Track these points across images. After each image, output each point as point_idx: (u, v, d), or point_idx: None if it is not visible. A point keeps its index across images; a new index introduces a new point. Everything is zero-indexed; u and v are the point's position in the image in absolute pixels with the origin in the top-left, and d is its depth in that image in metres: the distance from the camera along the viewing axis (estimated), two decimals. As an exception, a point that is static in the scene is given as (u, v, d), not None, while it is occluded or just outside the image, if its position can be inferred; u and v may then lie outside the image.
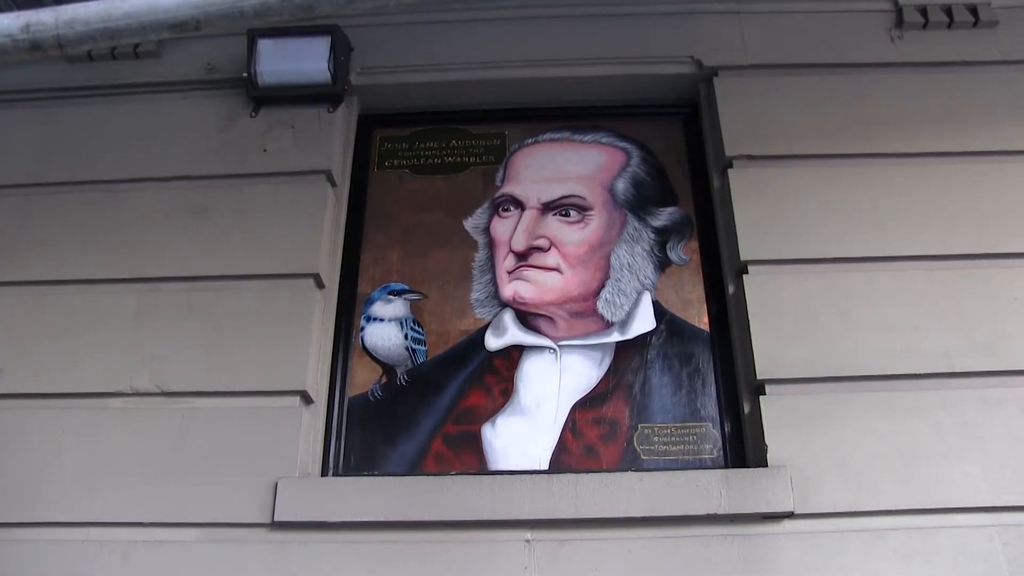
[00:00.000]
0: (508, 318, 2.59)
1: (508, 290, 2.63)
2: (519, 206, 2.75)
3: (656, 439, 2.40)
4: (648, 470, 2.31)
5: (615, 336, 2.54)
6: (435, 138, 2.94)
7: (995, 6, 2.82)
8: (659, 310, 2.59)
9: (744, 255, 2.49)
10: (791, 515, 2.14)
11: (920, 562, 2.09)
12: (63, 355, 2.46)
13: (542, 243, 2.67)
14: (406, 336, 2.59)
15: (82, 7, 1.82)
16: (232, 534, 2.21)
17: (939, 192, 2.55)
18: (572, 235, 2.68)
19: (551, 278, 2.63)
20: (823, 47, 2.80)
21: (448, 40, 2.90)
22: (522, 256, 2.66)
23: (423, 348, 2.58)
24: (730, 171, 2.63)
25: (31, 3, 2.12)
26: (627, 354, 2.52)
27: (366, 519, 2.20)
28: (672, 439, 2.39)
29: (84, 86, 2.91)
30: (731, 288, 2.54)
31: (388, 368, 2.57)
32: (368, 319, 2.63)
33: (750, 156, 2.64)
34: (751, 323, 2.38)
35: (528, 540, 2.16)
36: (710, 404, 2.44)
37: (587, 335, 2.55)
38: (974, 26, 2.80)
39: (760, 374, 2.32)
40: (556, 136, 2.90)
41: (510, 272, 2.65)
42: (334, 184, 2.73)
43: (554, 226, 2.70)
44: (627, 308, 2.58)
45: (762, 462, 2.22)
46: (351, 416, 2.50)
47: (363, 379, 2.56)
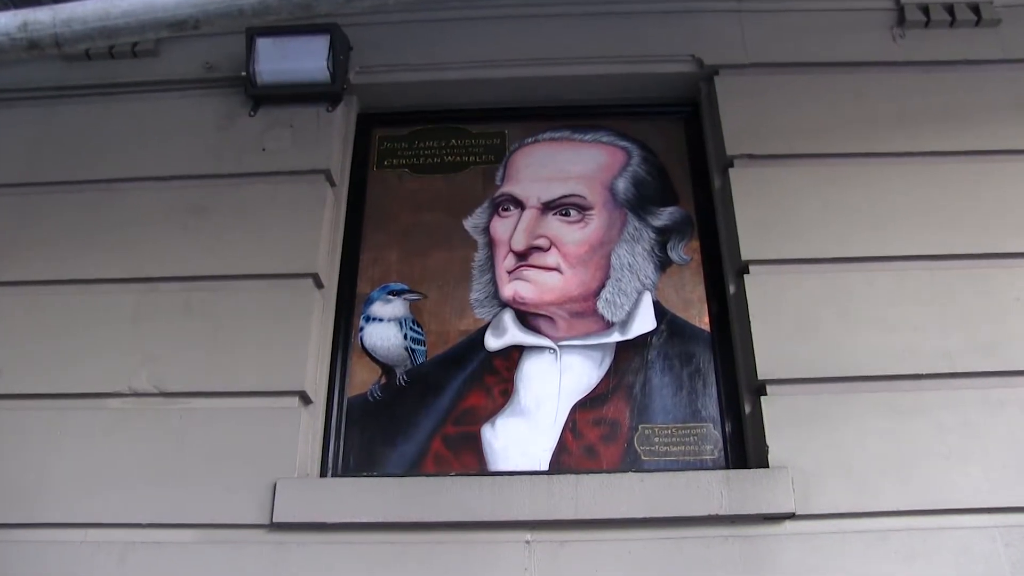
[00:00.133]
0: (508, 318, 2.58)
1: (508, 290, 2.62)
2: (519, 205, 2.74)
3: (657, 440, 2.39)
4: (649, 471, 2.30)
5: (615, 336, 2.53)
6: (434, 137, 2.93)
7: (997, 5, 2.81)
8: (660, 310, 2.58)
9: (745, 255, 2.48)
10: (792, 516, 2.14)
11: (922, 563, 2.08)
12: (61, 355, 2.45)
13: (542, 243, 2.66)
14: (405, 336, 2.58)
15: (80, 6, 1.81)
16: (230, 535, 2.20)
17: (941, 192, 2.55)
18: (572, 235, 2.67)
19: (551, 278, 2.62)
20: (824, 46, 2.80)
21: (448, 39, 2.89)
22: (522, 256, 2.65)
23: (422, 348, 2.57)
24: (731, 170, 2.62)
25: (29, 1, 2.10)
26: (627, 354, 2.51)
27: (365, 520, 2.19)
28: (673, 440, 2.39)
29: (82, 85, 2.90)
30: (732, 288, 2.53)
31: (387, 368, 2.56)
32: (367, 319, 2.62)
33: (751, 155, 2.63)
34: (752, 323, 2.37)
35: (528, 541, 2.15)
36: (711, 404, 2.44)
37: (587, 335, 2.54)
38: (976, 25, 2.80)
39: (761, 374, 2.31)
40: (556, 135, 2.89)
41: (510, 272, 2.64)
42: (333, 183, 2.72)
43: (554, 226, 2.69)
44: (627, 308, 2.57)
45: (763, 463, 2.22)
46: (350, 416, 2.49)
47: (362, 379, 2.55)
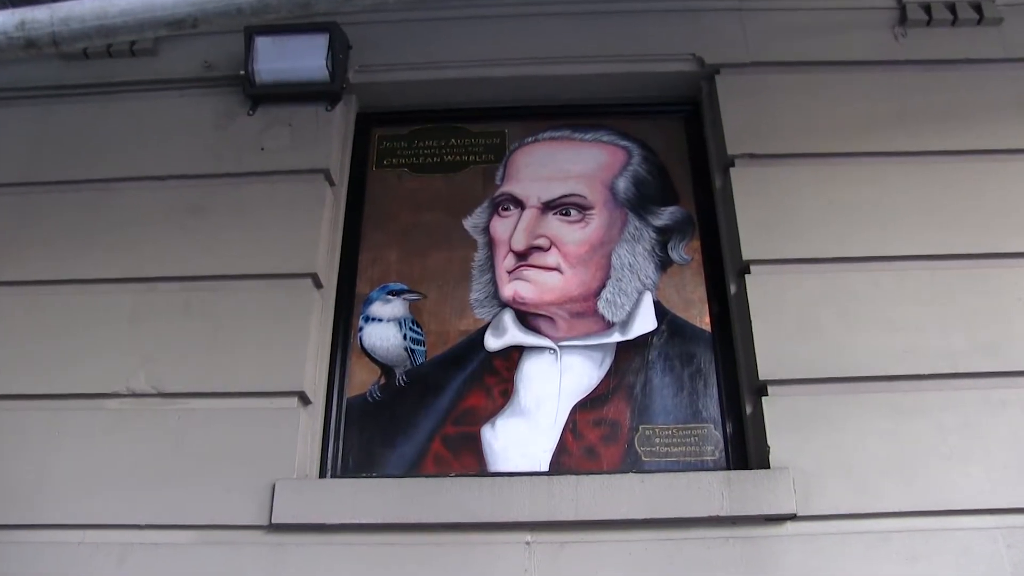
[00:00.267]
0: (508, 318, 2.57)
1: (508, 290, 2.61)
2: (519, 205, 2.73)
3: (657, 440, 2.38)
4: (649, 472, 2.29)
5: (616, 336, 2.53)
6: (434, 136, 2.92)
7: (999, 3, 2.81)
8: (660, 310, 2.57)
9: (746, 255, 2.47)
10: (793, 517, 2.13)
11: (923, 564, 2.07)
12: (59, 356, 2.44)
13: (542, 242, 2.65)
14: (405, 336, 2.57)
15: (78, 4, 1.80)
16: (229, 536, 2.20)
17: (943, 191, 2.54)
18: (572, 234, 2.66)
19: (551, 278, 2.61)
20: (826, 45, 2.79)
21: (447, 37, 2.88)
22: (522, 256, 2.64)
23: (422, 348, 2.56)
24: (732, 170, 2.62)
25: (27, 0, 2.09)
26: (628, 355, 2.50)
27: (364, 521, 2.18)
28: (673, 440, 2.38)
29: (80, 84, 2.90)
30: (733, 288, 2.53)
31: (387, 369, 2.55)
32: (367, 319, 2.61)
33: (752, 155, 2.62)
34: (753, 323, 2.37)
35: (528, 542, 2.15)
36: (712, 405, 2.43)
37: (588, 335, 2.54)
38: (978, 23, 2.79)
39: (762, 375, 2.31)
40: (556, 134, 2.88)
41: (510, 272, 2.63)
42: (332, 183, 2.71)
43: (554, 225, 2.68)
44: (628, 308, 2.56)
45: (764, 463, 2.21)
46: (349, 417, 2.49)
47: (361, 380, 2.54)
